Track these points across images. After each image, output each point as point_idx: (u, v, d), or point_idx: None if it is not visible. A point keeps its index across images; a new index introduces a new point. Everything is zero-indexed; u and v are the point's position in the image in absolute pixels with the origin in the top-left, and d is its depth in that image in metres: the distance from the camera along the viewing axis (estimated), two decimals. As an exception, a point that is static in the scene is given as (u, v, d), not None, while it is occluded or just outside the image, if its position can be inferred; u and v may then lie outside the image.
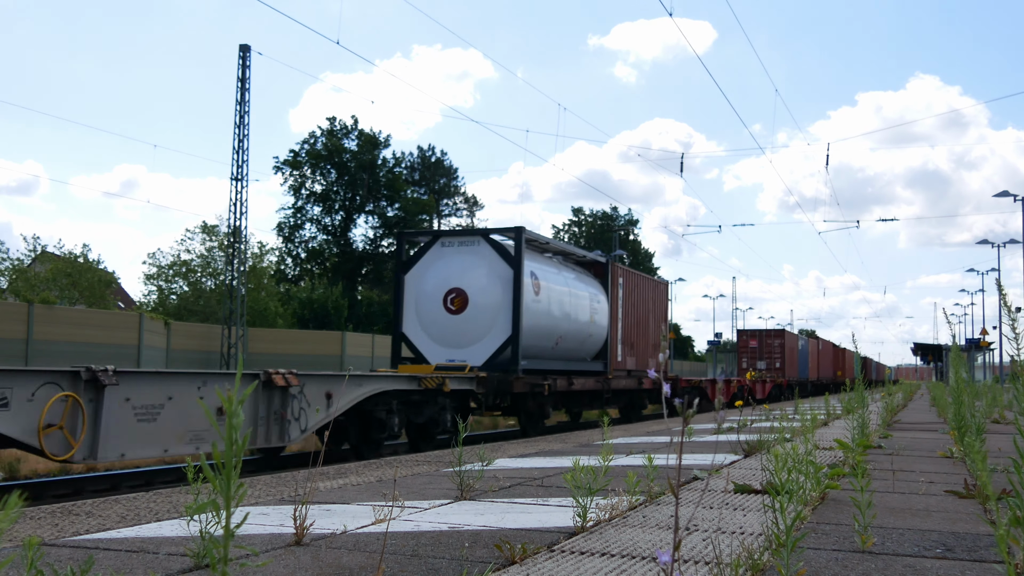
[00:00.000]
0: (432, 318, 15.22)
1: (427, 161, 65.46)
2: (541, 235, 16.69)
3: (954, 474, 5.92)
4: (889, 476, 5.68)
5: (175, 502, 4.66)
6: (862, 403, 8.73)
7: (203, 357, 29.79)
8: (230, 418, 2.03)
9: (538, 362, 15.80)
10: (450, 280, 15.18)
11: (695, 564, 2.98)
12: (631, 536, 3.50)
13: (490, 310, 14.97)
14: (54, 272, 34.32)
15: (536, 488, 5.14)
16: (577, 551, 3.19)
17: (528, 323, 15.14)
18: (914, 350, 61.48)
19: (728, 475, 5.63)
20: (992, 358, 47.59)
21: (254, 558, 2.97)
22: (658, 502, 4.44)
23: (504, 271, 15.04)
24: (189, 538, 3.30)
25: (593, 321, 18.21)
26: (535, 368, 15.57)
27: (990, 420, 11.63)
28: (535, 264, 16.00)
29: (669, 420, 15.71)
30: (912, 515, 4.13)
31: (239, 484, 2.03)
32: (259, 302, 39.25)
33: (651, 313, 22.11)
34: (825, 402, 11.47)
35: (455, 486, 4.86)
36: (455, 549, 3.24)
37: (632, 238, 77.82)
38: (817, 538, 3.49)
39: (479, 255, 15.29)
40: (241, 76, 30.42)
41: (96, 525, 3.87)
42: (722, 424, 10.80)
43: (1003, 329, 28.36)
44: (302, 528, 3.32)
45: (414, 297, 15.45)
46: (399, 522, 3.83)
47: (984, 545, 3.39)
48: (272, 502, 4.59)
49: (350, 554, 3.14)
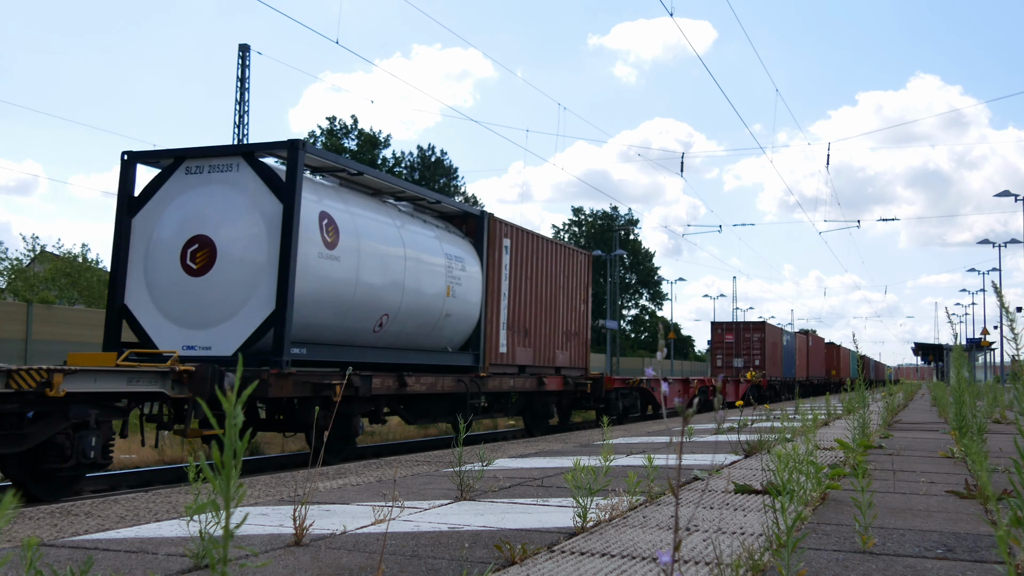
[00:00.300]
0: (167, 282, 10.09)
1: (427, 161, 65.42)
2: (353, 163, 11.68)
3: (955, 474, 5.92)
4: (890, 476, 5.67)
5: (174, 502, 4.65)
6: (863, 403, 8.73)
7: (202, 357, 29.71)
8: (230, 418, 2.03)
9: (336, 351, 10.93)
10: (192, 224, 10.08)
11: (695, 564, 2.97)
12: (631, 536, 3.49)
13: (250, 269, 9.82)
14: (53, 272, 34.29)
15: (536, 488, 5.13)
16: (577, 551, 3.18)
17: (311, 289, 10.08)
18: (915, 350, 61.44)
19: (728, 475, 5.62)
20: (993, 358, 47.55)
21: (253, 558, 2.96)
22: (658, 502, 4.44)
23: (275, 210, 9.90)
24: (188, 538, 3.29)
25: (453, 295, 13.14)
26: (329, 359, 10.92)
27: (991, 420, 11.62)
28: (338, 204, 11.04)
29: (668, 420, 15.70)
30: (913, 515, 4.12)
31: (238, 484, 2.03)
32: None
33: (562, 291, 17.08)
34: (826, 402, 11.47)
35: (455, 486, 4.85)
36: (455, 549, 3.23)
37: (632, 238, 77.80)
38: (818, 538, 3.48)
39: (237, 187, 10.13)
40: (240, 75, 30.44)
41: (95, 525, 3.86)
42: (722, 424, 10.79)
43: (1003, 330, 28.37)
44: (301, 528, 3.31)
45: (143, 250, 10.35)
46: (399, 522, 3.82)
47: (985, 545, 3.39)
48: (272, 502, 4.58)
49: (350, 554, 3.14)
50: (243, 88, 30.31)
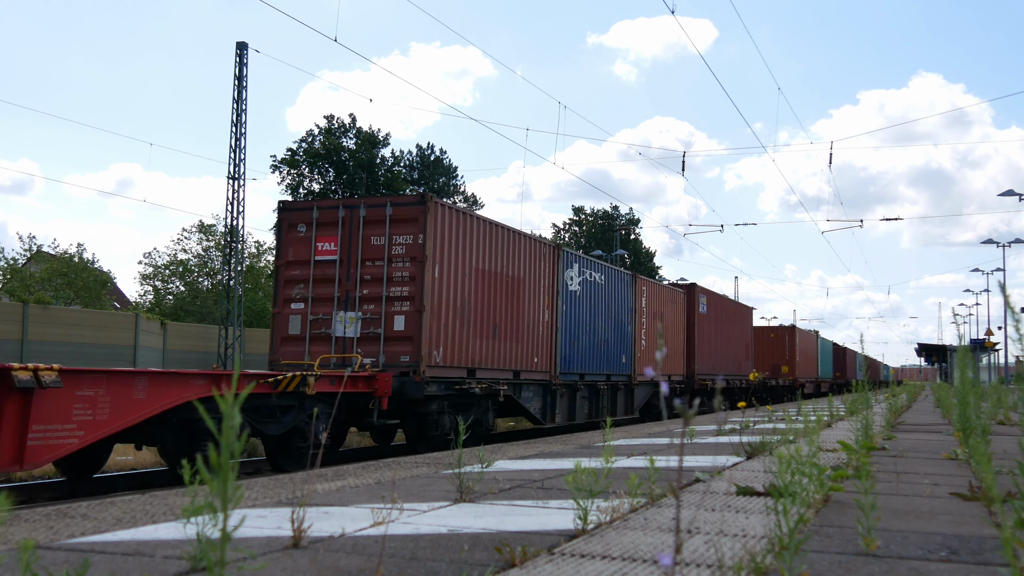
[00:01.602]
0: None
1: (426, 160, 65.41)
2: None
3: (959, 476, 5.89)
4: (893, 478, 5.64)
5: (171, 504, 4.63)
6: (866, 404, 8.70)
7: (200, 358, 29.73)
8: (227, 419, 2.00)
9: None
10: None
11: (697, 567, 2.94)
12: (632, 539, 3.46)
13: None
14: (49, 272, 34.28)
15: (536, 490, 5.11)
16: (577, 554, 3.16)
17: None
18: (918, 351, 61.33)
19: (730, 477, 5.59)
20: (997, 359, 47.46)
21: (251, 561, 2.93)
22: (659, 504, 4.41)
23: None
24: (185, 541, 3.26)
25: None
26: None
27: (995, 421, 11.59)
28: None
29: (669, 422, 15.68)
30: (916, 517, 4.09)
31: (236, 486, 2.00)
32: (256, 302, 39.16)
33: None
34: (829, 402, 11.44)
35: (454, 488, 4.82)
36: (454, 552, 3.20)
37: (633, 238, 77.77)
38: (820, 540, 3.46)
39: None
40: (238, 74, 30.37)
41: (92, 528, 3.83)
42: (723, 425, 10.77)
43: (1008, 330, 28.29)
44: (300, 531, 3.29)
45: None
46: (398, 524, 3.79)
47: (989, 548, 3.36)
48: (269, 504, 4.56)
49: (348, 557, 3.11)
50: (240, 86, 30.24)
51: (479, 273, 14.25)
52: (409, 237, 12.93)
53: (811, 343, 43.59)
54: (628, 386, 20.84)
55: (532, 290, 16.05)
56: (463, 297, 13.72)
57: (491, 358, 14.57)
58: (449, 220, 13.48)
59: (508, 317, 15.13)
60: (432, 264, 12.88)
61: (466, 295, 13.80)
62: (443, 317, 13.13)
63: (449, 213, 13.52)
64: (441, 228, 13.18)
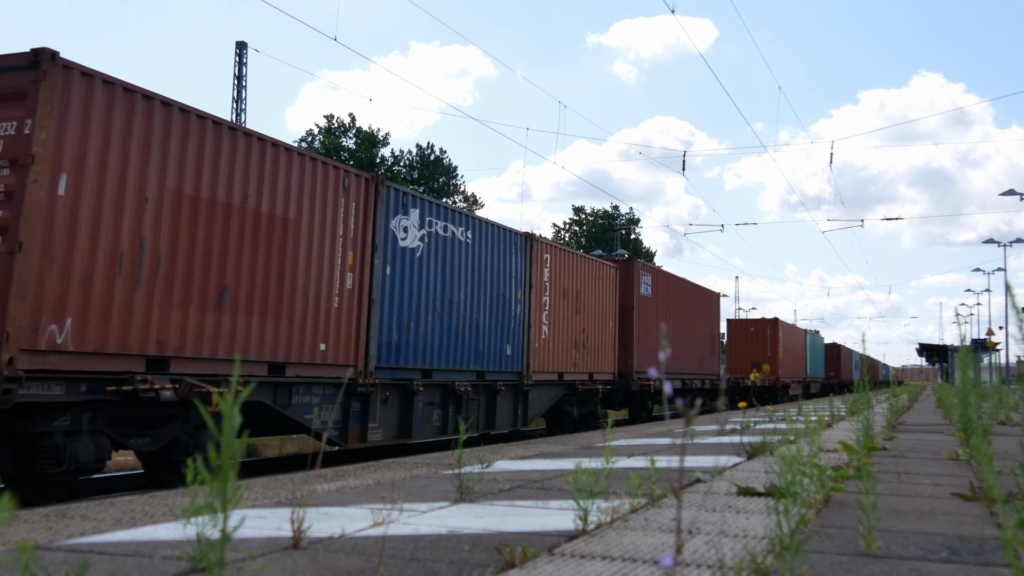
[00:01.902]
0: None
1: (426, 159, 65.42)
2: None
3: (960, 476, 5.88)
4: (894, 478, 5.64)
5: (171, 505, 4.62)
6: (867, 404, 8.70)
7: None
8: (227, 419, 2.00)
9: None
10: None
11: (697, 567, 2.94)
12: (632, 539, 3.46)
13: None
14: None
15: (536, 491, 5.10)
16: (578, 554, 3.15)
17: None
18: (919, 351, 61.25)
19: (731, 477, 5.59)
20: (998, 359, 47.42)
21: (251, 562, 2.93)
22: (660, 505, 4.40)
23: None
24: (185, 541, 3.25)
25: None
26: None
27: (996, 422, 11.58)
28: None
29: (670, 422, 15.69)
30: (917, 518, 4.09)
31: (236, 487, 2.00)
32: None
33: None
34: (830, 403, 11.43)
35: (454, 488, 4.82)
36: (454, 552, 3.20)
37: (633, 237, 77.78)
38: (821, 541, 3.45)
39: None
40: (237, 73, 30.41)
41: (91, 528, 3.83)
42: (724, 426, 10.76)
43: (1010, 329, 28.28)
44: (299, 531, 3.28)
45: None
46: (398, 525, 3.79)
47: (990, 548, 3.35)
48: (269, 505, 4.55)
49: (348, 558, 3.11)
50: (240, 86, 30.28)
51: (183, 200, 8.85)
52: (10, 125, 7.52)
53: (798, 339, 39.36)
54: (517, 388, 15.36)
55: (319, 240, 10.72)
56: (138, 236, 8.33)
57: (212, 340, 9.07)
58: (104, 104, 8.08)
59: (259, 278, 9.76)
60: (51, 172, 7.55)
61: (147, 234, 8.43)
62: (80, 266, 7.77)
63: (104, 91, 8.08)
64: (82, 114, 7.86)
